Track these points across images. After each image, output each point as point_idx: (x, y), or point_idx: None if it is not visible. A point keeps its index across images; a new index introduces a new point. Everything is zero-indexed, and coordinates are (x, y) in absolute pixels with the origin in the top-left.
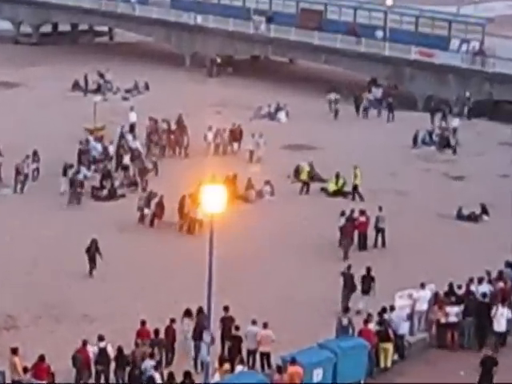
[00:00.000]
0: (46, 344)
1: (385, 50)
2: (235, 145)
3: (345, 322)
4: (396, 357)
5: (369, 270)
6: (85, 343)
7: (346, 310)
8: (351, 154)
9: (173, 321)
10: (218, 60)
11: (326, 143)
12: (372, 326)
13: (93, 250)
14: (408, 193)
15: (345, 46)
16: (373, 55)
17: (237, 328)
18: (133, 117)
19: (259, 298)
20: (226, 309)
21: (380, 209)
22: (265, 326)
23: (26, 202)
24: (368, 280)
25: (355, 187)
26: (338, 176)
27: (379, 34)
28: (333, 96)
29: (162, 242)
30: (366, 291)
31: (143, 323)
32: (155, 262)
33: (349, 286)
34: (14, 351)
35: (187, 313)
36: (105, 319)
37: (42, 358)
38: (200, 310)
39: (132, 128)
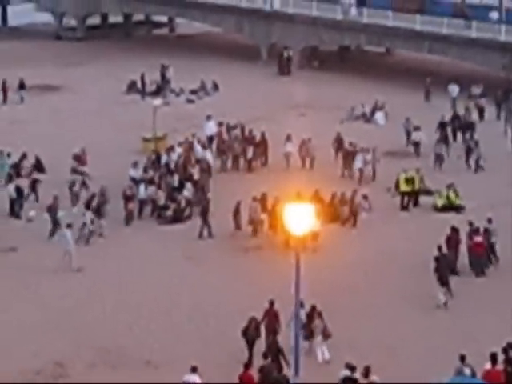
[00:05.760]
0: None
1: (501, 34)
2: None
3: (466, 372)
4: None
5: (440, 248)
6: None
7: (462, 358)
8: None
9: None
10: (286, 54)
11: None
12: (500, 367)
13: (252, 331)
14: None
15: (452, 32)
16: (486, 41)
17: None
18: (210, 128)
19: (355, 337)
20: (351, 368)
21: (489, 221)
22: (366, 371)
23: None
24: (443, 267)
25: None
26: (449, 187)
27: (494, 15)
28: (418, 136)
29: (241, 266)
30: (444, 282)
31: (246, 366)
32: (235, 296)
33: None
34: None
35: None
36: (172, 365)
37: None
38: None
39: (210, 142)
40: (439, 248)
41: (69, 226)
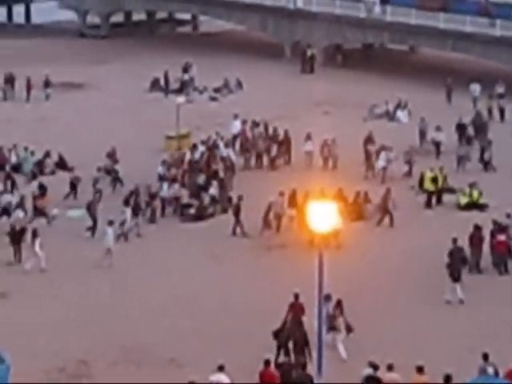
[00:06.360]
0: None
1: None
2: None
3: (490, 371)
4: None
5: (455, 241)
6: None
7: (485, 357)
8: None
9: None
10: (309, 52)
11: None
12: None
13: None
14: None
15: (476, 30)
16: (511, 40)
17: None
18: (236, 127)
19: (378, 335)
20: (374, 367)
21: (508, 216)
22: (389, 368)
23: None
24: (456, 262)
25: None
26: (472, 186)
27: None
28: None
29: (265, 264)
30: (456, 279)
31: (267, 363)
32: (258, 294)
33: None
34: None
35: None
36: (196, 363)
37: None
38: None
39: (234, 140)
40: (454, 241)
41: (111, 223)
